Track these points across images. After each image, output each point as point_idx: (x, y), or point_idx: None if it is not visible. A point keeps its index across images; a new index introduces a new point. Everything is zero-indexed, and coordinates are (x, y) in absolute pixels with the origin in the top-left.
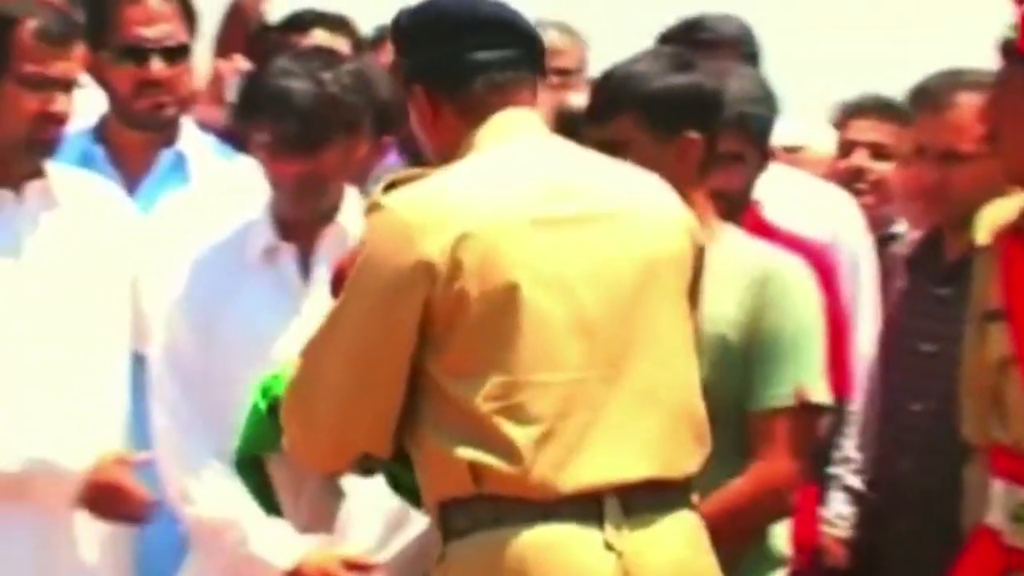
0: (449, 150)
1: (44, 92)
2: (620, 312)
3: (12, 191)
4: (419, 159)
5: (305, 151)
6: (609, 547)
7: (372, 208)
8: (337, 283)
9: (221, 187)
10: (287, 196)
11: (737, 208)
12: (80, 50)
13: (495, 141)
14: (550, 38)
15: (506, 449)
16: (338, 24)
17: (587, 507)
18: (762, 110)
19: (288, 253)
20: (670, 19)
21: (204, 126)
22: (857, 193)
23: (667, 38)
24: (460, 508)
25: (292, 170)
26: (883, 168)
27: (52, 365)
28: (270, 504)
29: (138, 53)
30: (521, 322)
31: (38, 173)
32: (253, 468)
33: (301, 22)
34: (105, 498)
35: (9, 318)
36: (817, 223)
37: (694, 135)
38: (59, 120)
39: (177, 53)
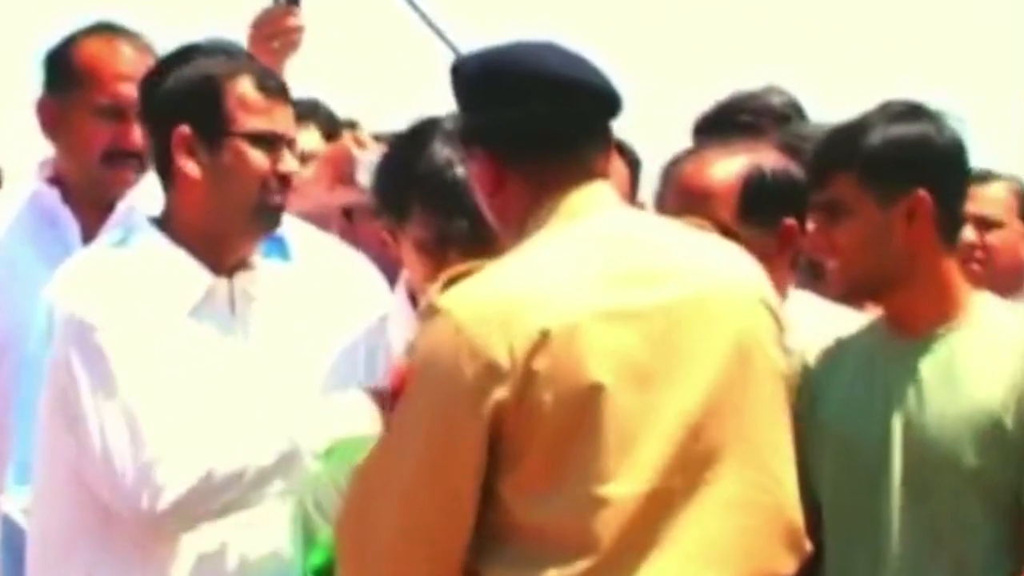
0: (513, 224)
1: (273, 150)
2: (709, 411)
3: (227, 279)
4: None
5: (478, 250)
6: None
7: (428, 312)
8: (395, 396)
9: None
10: None
11: None
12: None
13: (567, 219)
14: None
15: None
16: None
17: None
18: None
19: None
20: None
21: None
22: None
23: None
24: None
25: None
26: None
27: None
28: None
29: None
30: (604, 428)
31: (246, 263)
32: None
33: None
34: None
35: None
36: None
37: (924, 194)
38: (289, 183)
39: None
